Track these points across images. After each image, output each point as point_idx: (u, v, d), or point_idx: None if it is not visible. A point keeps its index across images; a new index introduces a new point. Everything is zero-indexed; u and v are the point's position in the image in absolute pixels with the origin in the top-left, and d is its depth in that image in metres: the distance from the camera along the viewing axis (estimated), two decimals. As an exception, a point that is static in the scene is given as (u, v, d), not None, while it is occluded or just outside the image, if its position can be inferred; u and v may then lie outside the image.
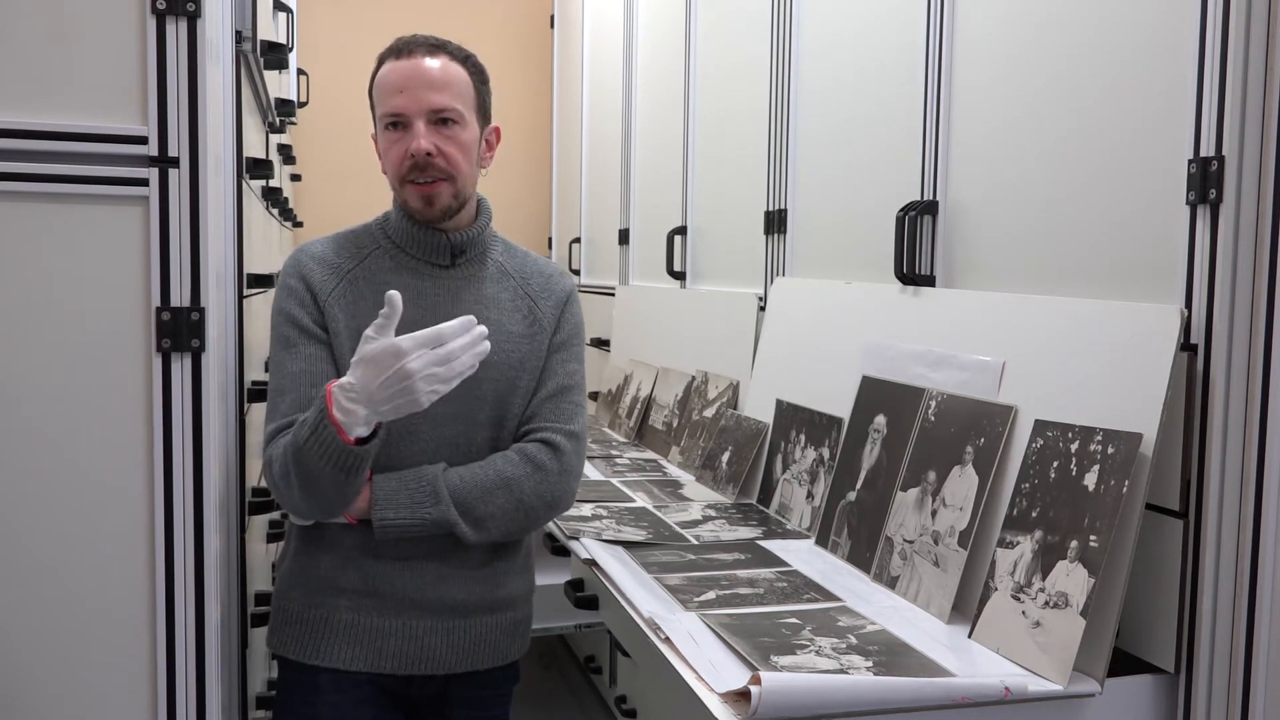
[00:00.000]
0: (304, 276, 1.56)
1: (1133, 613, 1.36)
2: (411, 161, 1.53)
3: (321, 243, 1.62)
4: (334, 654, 1.56)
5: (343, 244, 1.61)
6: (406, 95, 1.52)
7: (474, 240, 1.62)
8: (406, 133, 1.53)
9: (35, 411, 1.37)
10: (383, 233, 1.62)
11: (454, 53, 1.58)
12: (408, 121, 1.53)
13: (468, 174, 1.57)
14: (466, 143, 1.56)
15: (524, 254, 1.70)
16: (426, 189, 1.54)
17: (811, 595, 1.60)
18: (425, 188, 1.54)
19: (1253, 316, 1.25)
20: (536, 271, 1.68)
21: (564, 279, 1.70)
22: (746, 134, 2.56)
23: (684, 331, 2.88)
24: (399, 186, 1.57)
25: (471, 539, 1.53)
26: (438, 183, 1.54)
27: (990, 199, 1.70)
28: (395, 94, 1.53)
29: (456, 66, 1.56)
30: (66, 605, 1.39)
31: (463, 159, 1.55)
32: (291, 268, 1.58)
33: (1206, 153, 1.27)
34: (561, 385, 1.62)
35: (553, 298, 1.66)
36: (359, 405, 1.39)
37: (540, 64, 4.77)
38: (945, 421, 1.64)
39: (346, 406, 1.39)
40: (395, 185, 1.57)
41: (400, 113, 1.53)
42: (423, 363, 1.38)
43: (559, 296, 1.67)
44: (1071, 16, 1.53)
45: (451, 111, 1.54)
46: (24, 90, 1.35)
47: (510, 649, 1.66)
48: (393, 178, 1.57)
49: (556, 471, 1.57)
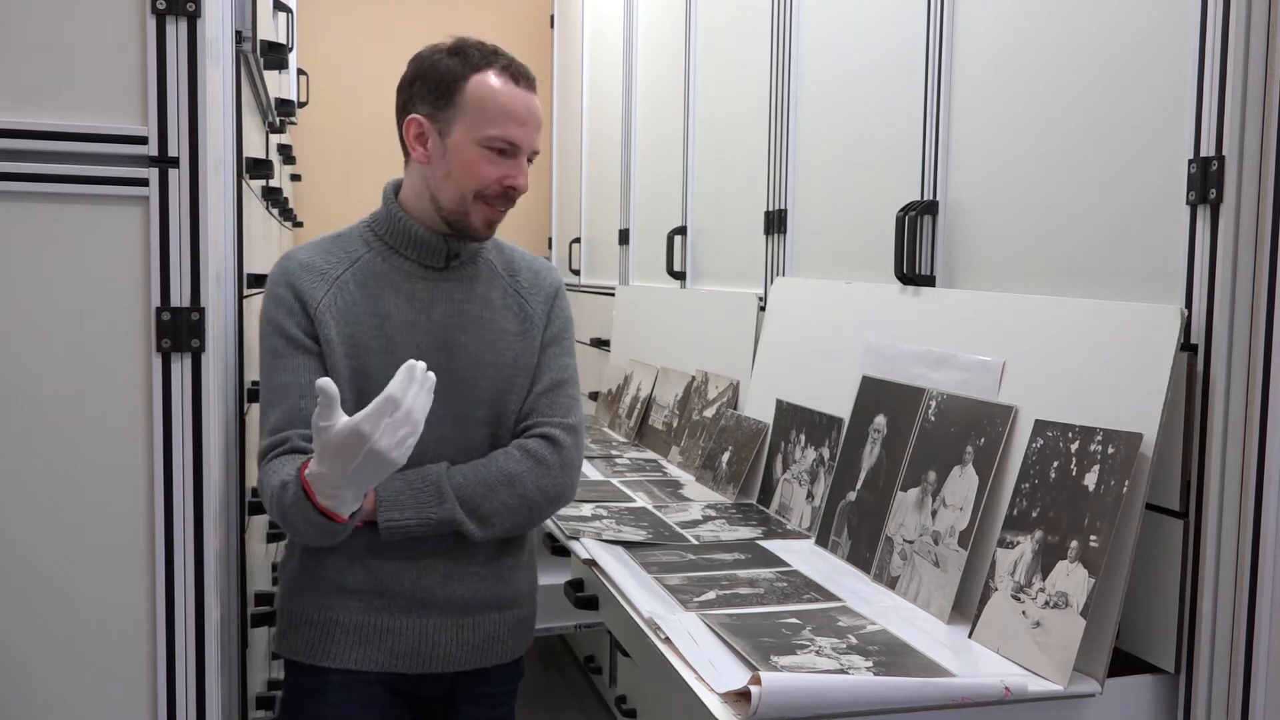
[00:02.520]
0: (292, 285, 1.54)
1: (1133, 613, 1.36)
2: (504, 190, 1.55)
3: (308, 249, 1.60)
4: (345, 655, 1.56)
5: (330, 249, 1.59)
6: (526, 130, 1.55)
7: (469, 245, 1.62)
8: (510, 161, 1.55)
9: (35, 411, 1.37)
10: (372, 234, 1.61)
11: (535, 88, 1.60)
12: (516, 153, 1.55)
13: None
14: None
15: (511, 250, 1.71)
16: (497, 214, 1.58)
17: (811, 595, 1.60)
18: (497, 213, 1.58)
19: (1253, 316, 1.24)
20: (525, 268, 1.68)
21: (551, 274, 1.71)
22: (746, 134, 2.56)
23: (684, 331, 2.88)
24: (469, 201, 1.55)
25: (477, 536, 1.54)
26: (504, 211, 1.59)
27: (990, 199, 1.70)
28: (517, 124, 1.54)
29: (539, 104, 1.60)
30: (66, 605, 1.39)
31: None
32: (279, 276, 1.56)
33: (1206, 153, 1.27)
34: (556, 380, 1.63)
35: (541, 293, 1.67)
36: (342, 490, 1.38)
37: (540, 64, 4.77)
38: (945, 421, 1.64)
39: (331, 494, 1.39)
40: (468, 198, 1.55)
41: (518, 144, 1.54)
42: (388, 433, 1.34)
43: (548, 292, 1.68)
44: (1071, 17, 1.53)
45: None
46: (24, 90, 1.35)
47: (517, 645, 1.68)
48: (471, 190, 1.54)
49: (558, 466, 1.57)
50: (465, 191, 1.54)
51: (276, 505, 1.45)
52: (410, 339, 1.56)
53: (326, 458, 1.36)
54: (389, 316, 1.56)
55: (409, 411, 1.35)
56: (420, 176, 1.58)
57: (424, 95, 1.55)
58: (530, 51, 4.76)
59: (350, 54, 4.53)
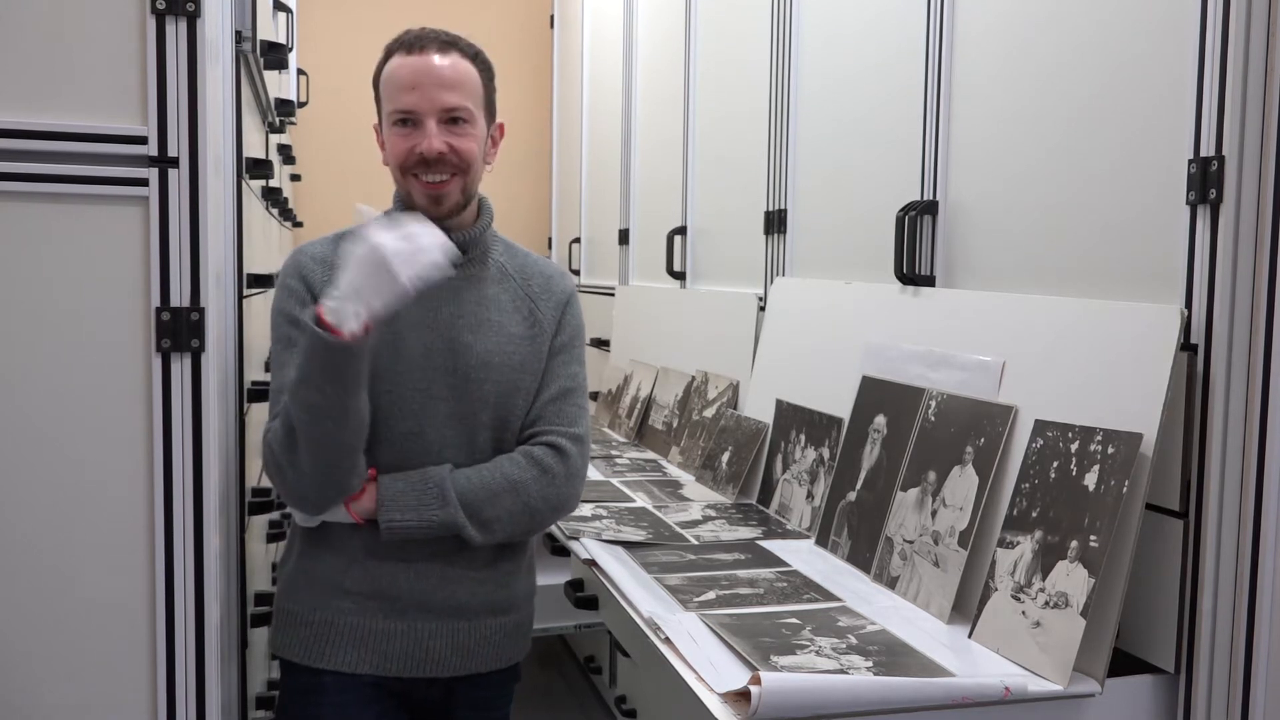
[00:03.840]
0: (304, 277, 1.56)
1: (1133, 613, 1.36)
2: (419, 158, 1.53)
3: (320, 243, 1.61)
4: (339, 657, 1.56)
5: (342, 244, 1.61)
6: (419, 93, 1.52)
7: (475, 240, 1.61)
8: (416, 130, 1.53)
9: (35, 411, 1.37)
10: None
11: (465, 50, 1.58)
12: (419, 119, 1.53)
13: (477, 170, 1.58)
14: (476, 139, 1.57)
15: (524, 254, 1.70)
16: (436, 188, 1.54)
17: (811, 595, 1.60)
18: (435, 186, 1.54)
19: (1253, 316, 1.24)
20: (537, 272, 1.67)
21: (564, 280, 1.70)
22: (746, 134, 2.56)
23: (684, 331, 2.88)
24: (401, 178, 1.57)
25: (478, 541, 1.53)
26: (449, 180, 1.54)
27: (990, 199, 1.70)
28: (407, 91, 1.53)
29: (467, 64, 1.56)
30: (66, 605, 1.39)
31: (475, 154, 1.57)
32: (291, 268, 1.57)
33: (1206, 153, 1.27)
34: (564, 388, 1.62)
35: (553, 299, 1.66)
36: (346, 301, 1.38)
37: (540, 64, 4.77)
38: (945, 421, 1.64)
39: (333, 306, 1.38)
40: (398, 178, 1.57)
41: (412, 110, 1.53)
42: (391, 240, 1.37)
43: (559, 298, 1.66)
44: (1071, 16, 1.52)
45: (463, 111, 1.54)
46: (24, 90, 1.35)
47: (513, 651, 1.67)
48: (395, 171, 1.57)
49: (563, 475, 1.57)
50: (396, 174, 1.57)
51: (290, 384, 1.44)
52: (418, 337, 1.56)
53: (340, 270, 1.40)
54: (397, 314, 1.56)
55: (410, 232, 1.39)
56: None
57: (376, 100, 1.60)
58: (530, 51, 4.76)
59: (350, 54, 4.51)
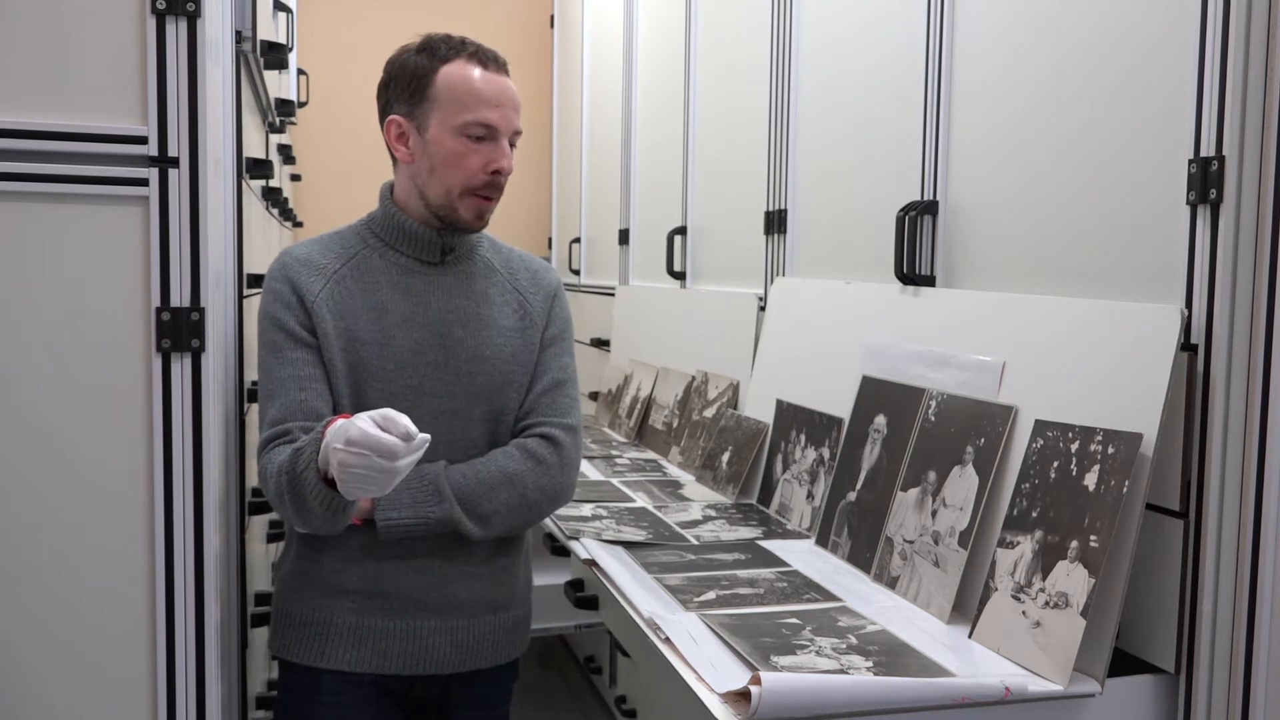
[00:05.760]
0: (290, 280, 1.55)
1: (1133, 613, 1.36)
2: (490, 177, 1.55)
3: (306, 245, 1.61)
4: (338, 656, 1.56)
5: (328, 245, 1.61)
6: (500, 112, 1.54)
7: (464, 238, 1.62)
8: (491, 146, 1.54)
9: (35, 411, 1.37)
10: (369, 232, 1.62)
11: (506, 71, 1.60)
12: (496, 136, 1.54)
13: None
14: None
15: (509, 250, 1.72)
16: (486, 204, 1.57)
17: (811, 595, 1.60)
18: (487, 202, 1.57)
19: (1253, 316, 1.24)
20: (523, 267, 1.69)
21: (550, 274, 1.71)
22: (746, 134, 2.56)
23: (684, 331, 2.88)
24: (458, 195, 1.55)
25: (476, 536, 1.54)
26: (495, 199, 1.58)
27: (990, 199, 1.70)
28: (490, 107, 1.53)
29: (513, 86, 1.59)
30: (66, 605, 1.39)
31: None
32: (277, 271, 1.57)
33: (1206, 153, 1.27)
34: (556, 380, 1.64)
35: (541, 293, 1.67)
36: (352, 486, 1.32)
37: (540, 64, 4.77)
38: (945, 421, 1.64)
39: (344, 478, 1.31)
40: (454, 192, 1.55)
41: (495, 125, 1.54)
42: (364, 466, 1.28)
43: (547, 291, 1.68)
44: (1071, 17, 1.52)
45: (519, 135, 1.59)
46: (24, 90, 1.35)
47: (512, 647, 1.67)
48: (457, 184, 1.54)
49: (557, 465, 1.58)
50: (451, 185, 1.55)
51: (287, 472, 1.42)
52: (407, 333, 1.56)
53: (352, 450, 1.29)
54: (386, 310, 1.56)
55: (390, 449, 1.27)
56: (407, 176, 1.59)
57: (399, 95, 1.57)
58: (530, 51, 4.76)
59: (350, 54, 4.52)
